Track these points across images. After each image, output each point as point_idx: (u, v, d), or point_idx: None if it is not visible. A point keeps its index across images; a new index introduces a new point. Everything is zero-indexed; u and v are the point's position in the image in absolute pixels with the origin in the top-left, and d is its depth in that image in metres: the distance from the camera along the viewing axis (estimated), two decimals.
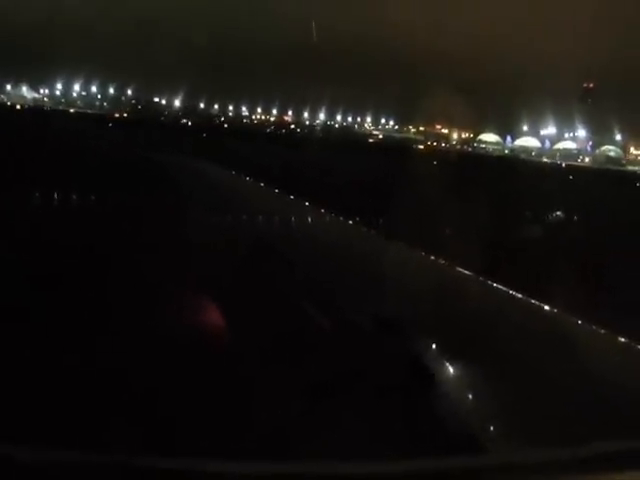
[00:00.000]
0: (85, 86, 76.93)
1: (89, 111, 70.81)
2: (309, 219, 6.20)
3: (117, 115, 70.24)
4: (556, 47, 74.53)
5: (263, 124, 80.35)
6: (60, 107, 73.02)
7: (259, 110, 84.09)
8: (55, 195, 11.77)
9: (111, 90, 77.41)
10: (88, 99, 77.30)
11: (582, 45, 69.76)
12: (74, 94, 77.57)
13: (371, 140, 75.60)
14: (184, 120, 70.76)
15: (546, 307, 3.19)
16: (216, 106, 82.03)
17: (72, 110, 70.61)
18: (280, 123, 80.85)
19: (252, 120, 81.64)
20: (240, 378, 2.55)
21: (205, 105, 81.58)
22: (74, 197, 11.69)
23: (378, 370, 2.43)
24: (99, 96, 77.56)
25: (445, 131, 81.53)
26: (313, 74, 73.10)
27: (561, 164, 70.37)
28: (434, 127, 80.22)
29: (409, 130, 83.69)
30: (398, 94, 76.64)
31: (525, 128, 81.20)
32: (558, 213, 23.80)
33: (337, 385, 2.30)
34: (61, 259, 4.85)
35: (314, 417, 2.13)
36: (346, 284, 3.79)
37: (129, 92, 78.09)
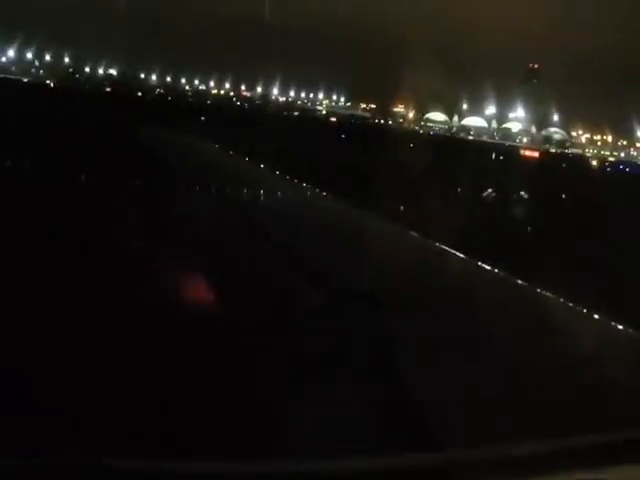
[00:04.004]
0: (21, 52, 74.44)
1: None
2: (286, 194, 6.17)
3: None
4: (508, 29, 74.85)
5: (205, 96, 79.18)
6: None
7: (212, 84, 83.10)
8: None
9: (47, 57, 75.16)
10: (24, 66, 74.70)
11: (530, 27, 70.09)
12: (4, 60, 74.98)
13: (296, 113, 75.08)
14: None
15: (525, 284, 3.16)
16: (168, 78, 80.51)
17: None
18: (239, 97, 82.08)
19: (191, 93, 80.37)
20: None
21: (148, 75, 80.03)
22: None
23: (354, 349, 2.38)
24: (35, 63, 75.23)
25: (399, 109, 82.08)
26: (270, 50, 72.94)
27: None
28: (395, 105, 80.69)
29: (358, 107, 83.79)
30: (354, 72, 77.00)
31: (466, 107, 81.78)
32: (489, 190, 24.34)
33: (314, 364, 2.26)
34: None
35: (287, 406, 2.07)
36: (324, 256, 3.73)
37: (66, 60, 75.94)
